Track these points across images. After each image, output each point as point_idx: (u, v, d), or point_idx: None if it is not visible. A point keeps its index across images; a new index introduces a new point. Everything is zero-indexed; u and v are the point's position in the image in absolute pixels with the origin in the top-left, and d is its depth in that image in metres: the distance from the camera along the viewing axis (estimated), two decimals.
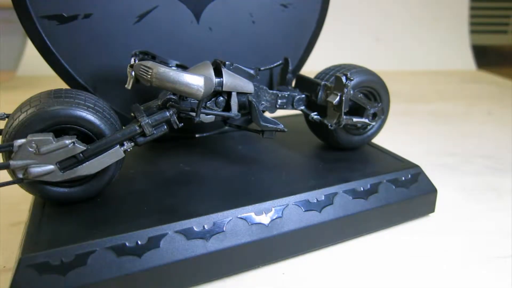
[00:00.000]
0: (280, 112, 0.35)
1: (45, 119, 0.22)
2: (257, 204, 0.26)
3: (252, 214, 0.26)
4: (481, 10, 1.23)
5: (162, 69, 0.24)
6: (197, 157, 0.33)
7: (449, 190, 0.38)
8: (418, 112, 0.65)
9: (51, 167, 0.22)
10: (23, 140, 0.22)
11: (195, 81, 0.25)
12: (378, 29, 1.02)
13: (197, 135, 0.37)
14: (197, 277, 0.25)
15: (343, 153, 0.35)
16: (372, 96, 0.34)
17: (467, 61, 1.03)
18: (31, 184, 0.23)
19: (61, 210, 0.25)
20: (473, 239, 0.30)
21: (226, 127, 0.35)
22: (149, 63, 0.24)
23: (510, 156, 0.46)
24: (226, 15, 0.35)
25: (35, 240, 0.22)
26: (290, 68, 0.35)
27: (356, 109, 0.33)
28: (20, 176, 0.22)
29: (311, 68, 0.44)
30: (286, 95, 0.32)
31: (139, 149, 0.34)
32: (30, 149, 0.22)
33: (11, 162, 0.22)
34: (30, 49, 0.91)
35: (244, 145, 0.36)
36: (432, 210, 0.33)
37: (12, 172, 0.22)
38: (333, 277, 0.26)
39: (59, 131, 0.23)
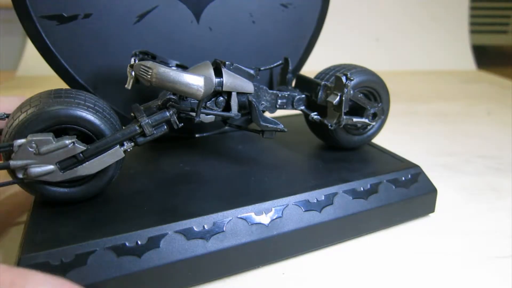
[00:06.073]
0: (280, 112, 0.35)
1: (45, 119, 0.22)
2: (257, 204, 0.26)
3: (252, 214, 0.26)
4: (481, 10, 1.22)
5: (162, 69, 0.24)
6: (197, 157, 0.33)
7: (449, 190, 0.38)
8: (418, 112, 0.65)
9: (51, 167, 0.22)
10: (23, 140, 0.22)
11: (195, 81, 0.25)
12: (378, 29, 1.02)
13: (197, 135, 0.37)
14: (197, 277, 0.24)
15: (343, 153, 0.35)
16: (372, 96, 0.34)
17: (467, 61, 1.03)
18: (31, 184, 0.23)
19: (61, 210, 0.25)
20: (473, 239, 0.30)
21: (226, 127, 0.35)
22: (149, 63, 0.24)
23: (510, 156, 0.46)
24: (226, 15, 0.35)
25: (35, 240, 0.22)
26: (290, 68, 0.35)
27: (356, 109, 0.33)
28: (20, 176, 0.22)
29: (311, 68, 0.44)
30: (286, 95, 0.32)
31: (139, 149, 0.34)
32: (30, 149, 0.22)
33: (11, 162, 0.22)
34: (30, 49, 0.91)
35: (244, 145, 0.36)
36: (432, 210, 0.33)
37: (12, 172, 0.22)
38: (333, 277, 0.26)
39: (59, 131, 0.23)
